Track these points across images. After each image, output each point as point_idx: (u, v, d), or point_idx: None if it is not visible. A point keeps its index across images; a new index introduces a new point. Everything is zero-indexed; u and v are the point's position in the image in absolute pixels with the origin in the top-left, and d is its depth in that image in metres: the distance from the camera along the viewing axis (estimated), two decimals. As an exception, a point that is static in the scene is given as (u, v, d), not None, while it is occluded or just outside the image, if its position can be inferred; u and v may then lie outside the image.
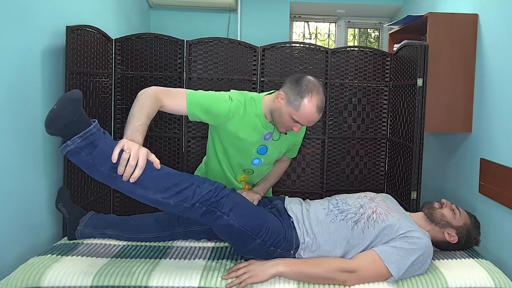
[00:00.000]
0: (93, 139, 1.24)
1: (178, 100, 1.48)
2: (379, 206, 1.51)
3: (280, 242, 1.43)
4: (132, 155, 1.22)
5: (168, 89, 1.50)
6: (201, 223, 1.60)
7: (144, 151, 1.26)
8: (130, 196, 1.32)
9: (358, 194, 1.64)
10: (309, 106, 1.46)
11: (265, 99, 1.61)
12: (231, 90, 1.62)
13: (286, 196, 1.73)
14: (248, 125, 1.57)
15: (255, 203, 1.63)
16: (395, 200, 1.68)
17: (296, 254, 1.45)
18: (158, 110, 1.46)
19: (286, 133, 1.65)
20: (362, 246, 1.42)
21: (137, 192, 1.29)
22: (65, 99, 1.23)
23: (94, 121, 1.27)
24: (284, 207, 1.60)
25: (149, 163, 1.29)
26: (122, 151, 1.23)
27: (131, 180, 1.23)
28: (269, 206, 1.64)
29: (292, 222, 1.51)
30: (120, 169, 1.22)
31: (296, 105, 1.47)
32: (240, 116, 1.55)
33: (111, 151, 1.22)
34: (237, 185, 1.76)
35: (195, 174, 1.90)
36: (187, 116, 1.54)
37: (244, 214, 1.40)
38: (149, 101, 1.39)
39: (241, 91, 1.64)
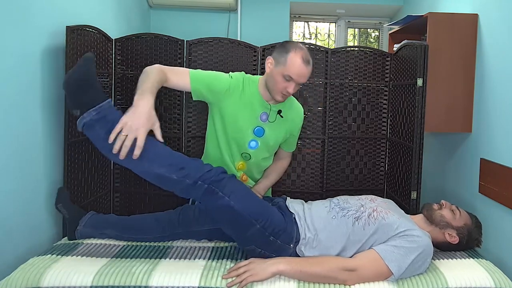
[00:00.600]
0: (106, 113, 1.32)
1: (182, 76, 1.56)
2: (379, 206, 1.53)
3: (280, 233, 1.44)
4: (129, 136, 1.25)
5: (171, 67, 1.58)
6: (202, 215, 1.62)
7: (143, 130, 1.25)
8: (134, 170, 1.35)
9: (359, 196, 1.66)
10: (296, 58, 1.51)
11: (260, 78, 1.67)
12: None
13: (287, 197, 1.73)
14: (246, 103, 1.63)
15: None
16: (395, 204, 1.68)
17: (296, 249, 1.46)
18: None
19: (282, 114, 1.67)
20: (361, 242, 1.43)
21: (143, 165, 1.32)
22: (80, 59, 1.36)
23: (107, 98, 1.36)
24: (286, 205, 1.60)
25: (153, 140, 1.33)
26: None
27: (133, 158, 1.27)
28: (271, 204, 1.65)
29: (294, 217, 1.52)
30: (114, 148, 1.25)
31: (283, 61, 1.53)
32: (239, 92, 1.62)
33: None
34: (235, 172, 1.74)
35: None
36: (190, 94, 1.61)
37: (245, 198, 1.43)
38: (156, 73, 1.45)
39: (241, 72, 1.70)
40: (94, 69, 1.38)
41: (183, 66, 2.17)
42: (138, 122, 1.26)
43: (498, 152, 1.77)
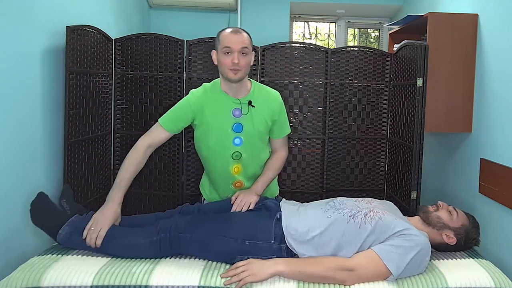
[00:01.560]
0: (77, 225, 1.52)
1: (157, 132, 1.68)
2: (376, 207, 1.53)
3: (254, 233, 1.46)
4: (95, 229, 1.49)
5: (147, 132, 1.70)
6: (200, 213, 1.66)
7: (106, 227, 1.50)
8: (110, 252, 1.51)
9: (356, 198, 1.66)
10: (224, 32, 1.63)
11: (220, 78, 1.71)
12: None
13: (283, 198, 1.73)
14: (215, 107, 1.68)
15: (252, 206, 1.64)
16: (395, 206, 1.68)
17: (287, 244, 1.45)
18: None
19: (252, 104, 1.69)
20: (358, 242, 1.42)
21: (113, 245, 1.50)
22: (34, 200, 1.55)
23: (74, 214, 1.58)
24: (279, 205, 1.62)
25: (114, 227, 1.54)
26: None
27: (98, 244, 1.49)
28: (260, 204, 1.66)
29: (280, 215, 1.53)
30: (83, 234, 1.50)
31: (218, 42, 1.64)
32: (203, 103, 1.68)
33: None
34: (232, 177, 1.76)
35: (201, 183, 1.95)
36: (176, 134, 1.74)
37: (202, 223, 1.51)
38: (130, 162, 1.65)
39: (202, 84, 1.76)
40: (46, 201, 1.56)
41: (183, 66, 2.17)
42: (104, 220, 1.52)
43: (498, 152, 1.77)
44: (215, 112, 1.68)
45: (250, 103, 1.68)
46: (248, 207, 1.63)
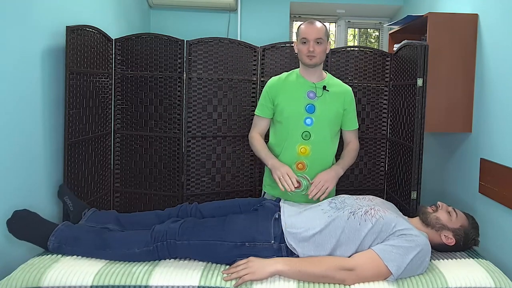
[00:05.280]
0: (65, 234, 1.52)
1: (258, 122, 1.93)
2: (377, 205, 1.53)
3: (253, 235, 1.46)
4: (284, 179, 1.70)
5: (252, 127, 1.95)
6: (198, 212, 1.69)
7: (289, 169, 1.73)
8: (106, 258, 1.49)
9: (357, 196, 1.65)
10: (302, 25, 1.83)
11: (300, 66, 1.90)
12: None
13: (282, 199, 1.73)
14: (292, 89, 1.85)
15: (326, 194, 1.70)
16: (395, 207, 1.68)
17: (287, 245, 1.45)
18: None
19: (327, 88, 1.83)
20: (358, 239, 1.42)
21: (108, 253, 1.48)
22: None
23: (63, 222, 1.60)
24: (278, 205, 1.62)
25: (111, 231, 1.57)
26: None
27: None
28: (259, 205, 1.66)
29: (279, 215, 1.53)
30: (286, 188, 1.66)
31: (297, 34, 1.84)
32: (280, 87, 1.87)
33: (80, 235, 1.53)
34: (297, 156, 1.81)
35: (264, 176, 1.98)
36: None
37: (199, 230, 1.50)
38: (257, 140, 1.89)
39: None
40: (24, 216, 1.53)
41: (183, 66, 2.17)
42: (284, 167, 1.71)
43: (498, 152, 1.77)
44: (291, 92, 1.84)
45: (324, 87, 1.84)
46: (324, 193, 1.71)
